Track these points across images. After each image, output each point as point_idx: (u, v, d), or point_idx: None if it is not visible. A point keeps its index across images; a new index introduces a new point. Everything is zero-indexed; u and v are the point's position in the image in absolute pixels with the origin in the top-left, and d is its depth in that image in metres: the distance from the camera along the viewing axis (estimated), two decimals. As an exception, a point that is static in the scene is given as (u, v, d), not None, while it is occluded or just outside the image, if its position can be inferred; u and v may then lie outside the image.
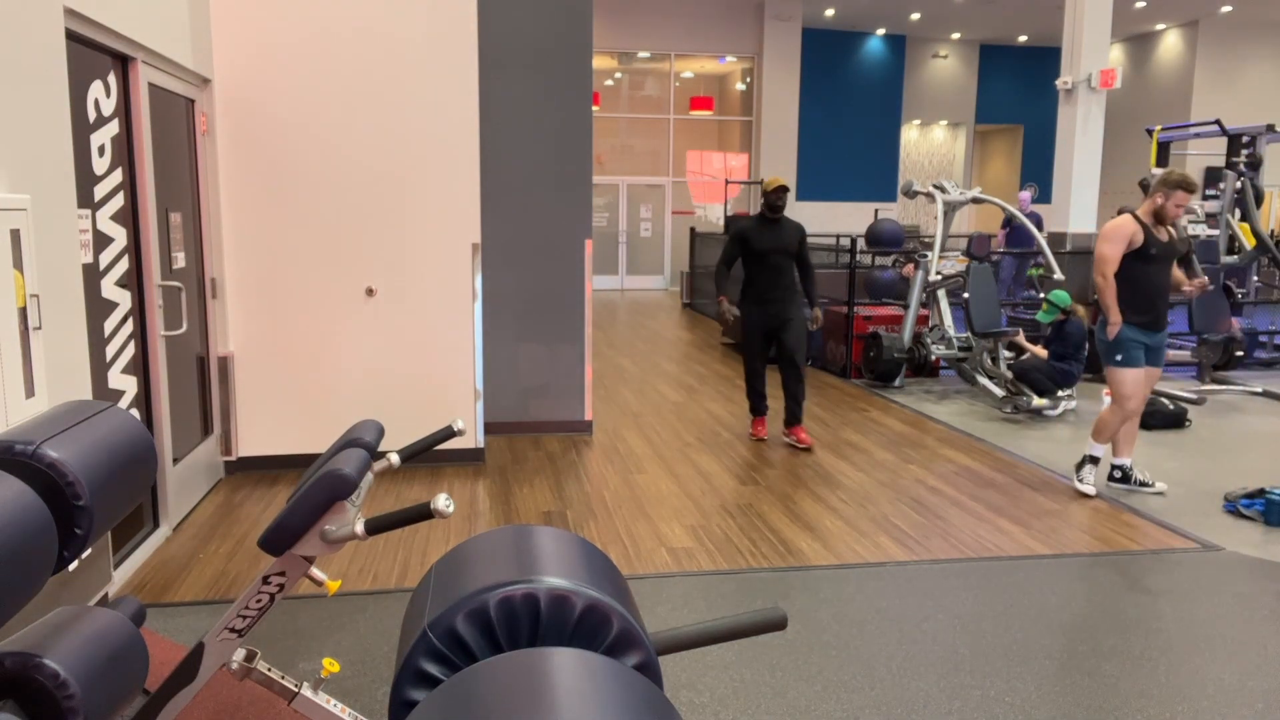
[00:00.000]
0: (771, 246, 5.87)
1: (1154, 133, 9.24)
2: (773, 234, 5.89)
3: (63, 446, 1.84)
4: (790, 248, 5.92)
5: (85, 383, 3.41)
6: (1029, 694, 3.01)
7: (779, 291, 5.92)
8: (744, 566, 4.05)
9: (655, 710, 1.44)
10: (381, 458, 4.44)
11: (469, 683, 1.46)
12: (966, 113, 20.00)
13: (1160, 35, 18.61)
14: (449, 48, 5.18)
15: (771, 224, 5.92)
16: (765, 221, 5.94)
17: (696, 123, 18.36)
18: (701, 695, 2.98)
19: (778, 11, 17.55)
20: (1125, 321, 4.89)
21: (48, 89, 3.16)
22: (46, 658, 1.77)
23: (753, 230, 5.90)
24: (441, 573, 2.18)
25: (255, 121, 5.05)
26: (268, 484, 5.13)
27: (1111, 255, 4.85)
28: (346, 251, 5.22)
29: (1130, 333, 4.90)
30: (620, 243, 17.95)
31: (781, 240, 5.89)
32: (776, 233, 5.90)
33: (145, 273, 4.15)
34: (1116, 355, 4.91)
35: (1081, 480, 5.11)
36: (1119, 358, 4.90)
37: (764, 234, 5.88)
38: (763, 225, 5.93)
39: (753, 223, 5.93)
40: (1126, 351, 4.90)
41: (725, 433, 6.44)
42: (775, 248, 5.88)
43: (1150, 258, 4.83)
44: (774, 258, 5.88)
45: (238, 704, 2.84)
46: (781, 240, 5.89)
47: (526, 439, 6.25)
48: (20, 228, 2.89)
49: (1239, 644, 3.37)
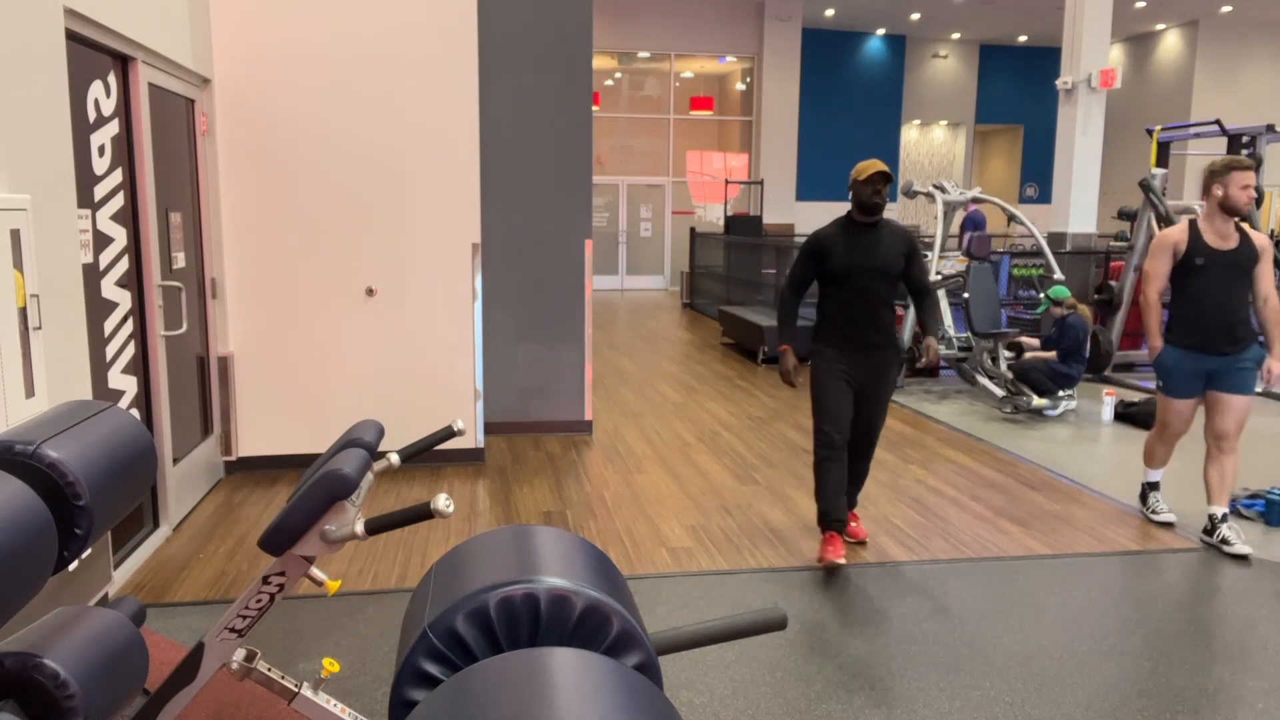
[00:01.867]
0: (861, 264, 4.00)
1: (1154, 133, 9.23)
2: (865, 246, 4.02)
3: (63, 446, 1.84)
4: (890, 266, 4.01)
5: (85, 383, 3.41)
6: (1029, 694, 3.01)
7: (870, 332, 4.05)
8: (744, 566, 4.05)
9: (655, 710, 1.44)
10: (381, 458, 4.44)
11: (469, 683, 1.46)
12: (966, 113, 20.00)
13: (1160, 35, 18.61)
14: (449, 47, 5.18)
15: (862, 231, 4.05)
16: (853, 228, 4.05)
17: (696, 123, 18.36)
18: (701, 695, 2.98)
19: (778, 11, 17.55)
20: (1169, 343, 4.36)
21: (48, 89, 3.16)
22: (46, 658, 1.77)
23: (834, 241, 4.04)
24: (441, 573, 2.17)
25: (255, 121, 5.05)
26: (268, 484, 5.13)
27: (1154, 271, 4.31)
28: (346, 251, 5.22)
29: (1172, 357, 4.34)
30: (620, 243, 17.94)
31: (877, 255, 4.01)
32: (870, 244, 4.02)
33: (145, 273, 4.15)
34: (1160, 380, 4.46)
35: (1153, 511, 4.65)
36: (1161, 384, 4.45)
37: (851, 246, 4.01)
38: (849, 234, 4.04)
39: (835, 230, 4.09)
40: (1169, 378, 4.38)
41: (725, 433, 6.44)
42: (867, 266, 4.00)
43: (1195, 269, 4.21)
44: (864, 281, 4.01)
45: (238, 704, 2.84)
46: (877, 255, 4.01)
47: (526, 439, 6.25)
48: (20, 228, 2.89)
49: (1239, 644, 3.37)
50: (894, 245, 4.04)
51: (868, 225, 4.07)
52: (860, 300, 4.03)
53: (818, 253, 4.08)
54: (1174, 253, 4.26)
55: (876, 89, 19.07)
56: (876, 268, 4.00)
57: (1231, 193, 4.12)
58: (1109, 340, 8.33)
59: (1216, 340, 4.21)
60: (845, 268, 4.00)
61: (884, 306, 4.06)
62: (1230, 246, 4.19)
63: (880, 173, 3.94)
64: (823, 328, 4.15)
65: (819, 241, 4.08)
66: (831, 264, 4.03)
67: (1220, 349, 4.21)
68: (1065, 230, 12.18)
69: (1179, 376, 4.34)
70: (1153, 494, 4.71)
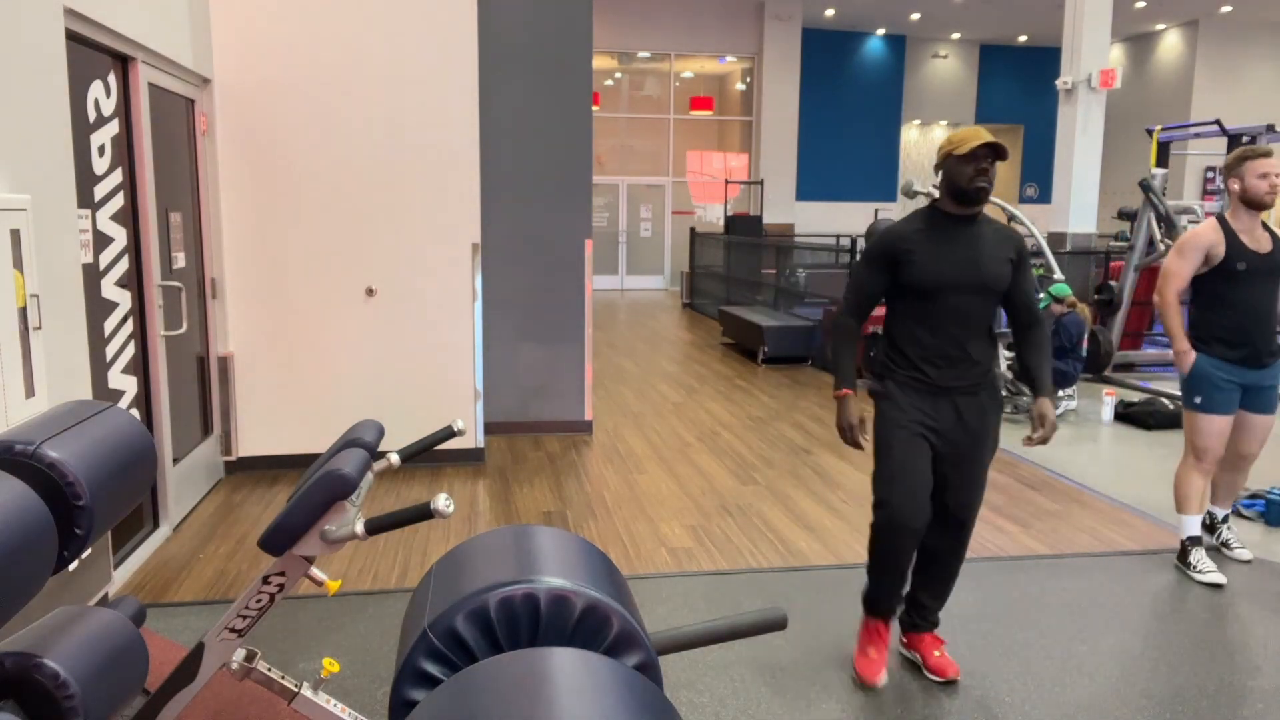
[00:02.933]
0: (957, 275, 2.89)
1: (1154, 133, 9.23)
2: (961, 250, 2.90)
3: (63, 446, 1.84)
4: (995, 279, 2.92)
5: (85, 383, 3.41)
6: (1029, 694, 3.01)
7: (964, 369, 2.95)
8: (744, 566, 4.05)
9: (655, 710, 1.44)
10: (381, 458, 4.44)
11: (469, 683, 1.46)
12: (966, 113, 20.00)
13: (1160, 35, 18.60)
14: (449, 48, 5.18)
15: (957, 229, 2.92)
16: (943, 224, 2.93)
17: (696, 123, 18.36)
18: (701, 695, 2.98)
19: (778, 11, 17.55)
20: (1208, 353, 3.90)
21: (48, 89, 3.16)
22: (46, 658, 1.77)
23: (916, 242, 2.92)
24: (441, 573, 2.17)
25: (255, 121, 5.05)
26: (268, 484, 5.13)
27: (1178, 271, 3.90)
28: (346, 252, 5.22)
29: (1212, 367, 3.88)
30: (620, 243, 17.94)
31: (979, 263, 2.90)
32: (968, 247, 2.91)
33: (145, 273, 4.15)
34: (1195, 396, 3.92)
35: (1196, 570, 3.96)
36: (1197, 399, 3.92)
37: (941, 249, 2.90)
38: (938, 232, 2.92)
39: (916, 227, 2.95)
40: (1207, 391, 3.88)
41: (725, 433, 6.43)
42: (965, 278, 2.90)
43: (1237, 275, 3.80)
44: (959, 298, 2.91)
45: (238, 704, 2.84)
46: (979, 263, 2.90)
47: (526, 439, 6.25)
48: (20, 228, 2.89)
49: (1239, 644, 3.37)
50: (999, 249, 2.92)
51: (964, 220, 2.91)
52: (952, 325, 2.91)
53: (893, 257, 2.92)
54: (1207, 256, 3.85)
55: (876, 89, 19.07)
56: (978, 280, 2.88)
57: (1249, 183, 3.76)
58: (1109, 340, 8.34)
59: (1260, 352, 3.84)
60: (934, 279, 2.86)
61: (983, 334, 2.96)
62: (1267, 249, 3.84)
63: (989, 145, 2.80)
64: (893, 361, 3.01)
65: (896, 242, 2.92)
66: (914, 274, 2.88)
67: (1261, 361, 3.86)
68: (1065, 230, 12.18)
69: (1224, 389, 3.88)
70: (1195, 550, 4.01)
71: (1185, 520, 4.04)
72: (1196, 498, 4.01)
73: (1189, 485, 4.02)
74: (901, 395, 2.98)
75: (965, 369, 2.95)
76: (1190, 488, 4.01)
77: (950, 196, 2.91)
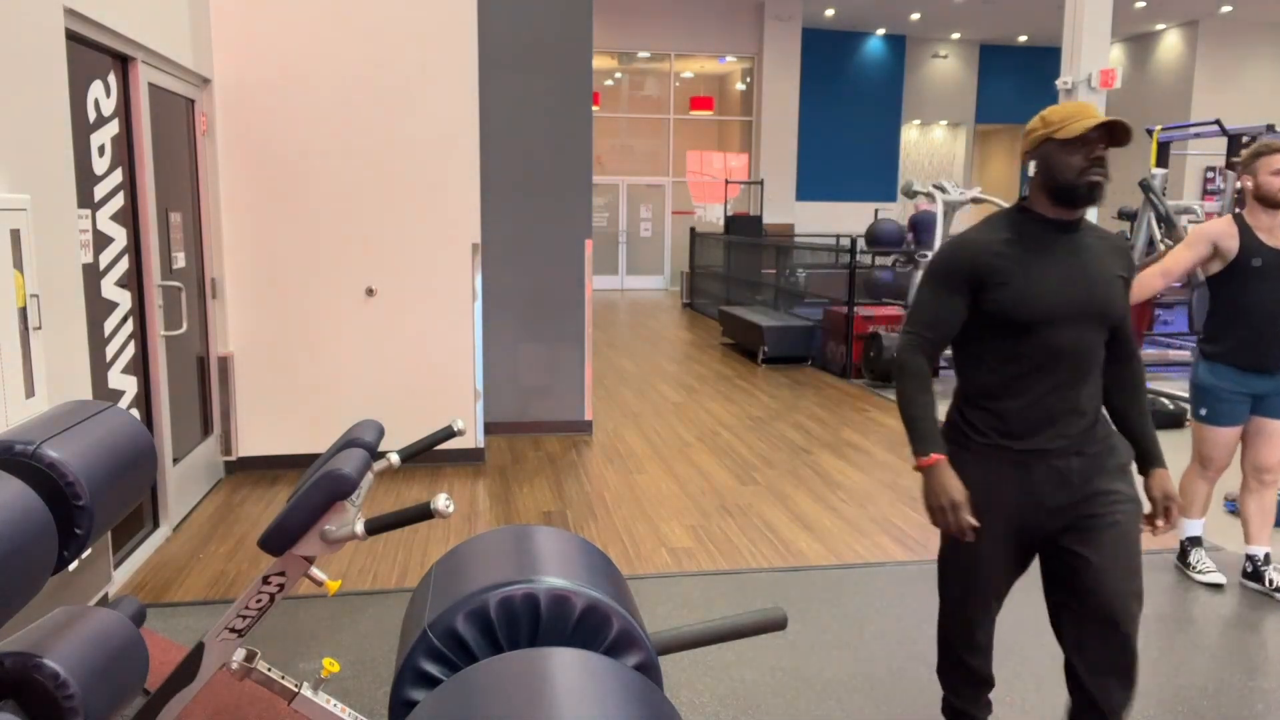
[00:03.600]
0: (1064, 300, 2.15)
1: (1154, 133, 9.23)
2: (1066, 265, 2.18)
3: (63, 446, 1.84)
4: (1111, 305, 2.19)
5: (85, 383, 3.41)
6: (1029, 694, 3.01)
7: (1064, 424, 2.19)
8: (744, 566, 4.05)
9: (655, 710, 1.44)
10: (381, 458, 4.44)
11: (469, 682, 1.46)
12: (966, 113, 20.00)
13: (1160, 35, 18.61)
14: (449, 48, 5.18)
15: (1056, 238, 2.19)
16: (1038, 231, 2.20)
17: (696, 123, 18.36)
18: (701, 695, 2.98)
19: (778, 11, 17.55)
20: (1213, 360, 3.72)
21: (48, 89, 3.16)
22: (46, 658, 1.77)
23: (1004, 255, 2.18)
24: (441, 573, 2.17)
25: (255, 121, 5.05)
26: (268, 484, 5.13)
27: (1179, 261, 3.69)
28: (346, 251, 5.22)
29: (1218, 379, 3.71)
30: (620, 243, 17.95)
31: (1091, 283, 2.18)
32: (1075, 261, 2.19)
33: (145, 273, 4.15)
34: (1201, 408, 3.77)
35: (1196, 570, 3.92)
36: (1203, 411, 3.76)
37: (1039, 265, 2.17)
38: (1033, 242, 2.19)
39: (1001, 235, 2.21)
40: (1211, 404, 3.73)
41: (725, 433, 6.43)
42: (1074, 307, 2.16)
43: (1253, 272, 3.57)
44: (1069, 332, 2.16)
45: (238, 704, 2.84)
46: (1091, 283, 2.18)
47: (526, 439, 6.25)
48: (20, 228, 2.89)
49: (1239, 644, 3.37)
50: (1112, 264, 2.20)
51: (1065, 228, 2.17)
52: (1057, 368, 2.15)
53: (976, 278, 2.16)
54: (1220, 250, 3.62)
55: (876, 89, 19.08)
56: (1091, 307, 2.14)
57: (1262, 180, 3.54)
58: (1109, 340, 8.32)
59: (1273, 356, 3.62)
60: (1035, 309, 2.11)
61: (1094, 378, 2.20)
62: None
63: (1104, 126, 2.08)
64: (966, 422, 2.25)
65: (978, 257, 2.15)
66: (1007, 301, 2.12)
67: (1274, 367, 3.64)
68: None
69: (1229, 400, 3.71)
70: (1195, 550, 3.97)
71: (1186, 523, 4.01)
72: (1200, 502, 3.95)
73: (1193, 490, 3.94)
74: (980, 472, 2.20)
75: (1069, 424, 2.16)
76: (1194, 493, 3.94)
77: (1048, 195, 2.15)
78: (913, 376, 2.23)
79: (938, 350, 2.25)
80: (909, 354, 2.24)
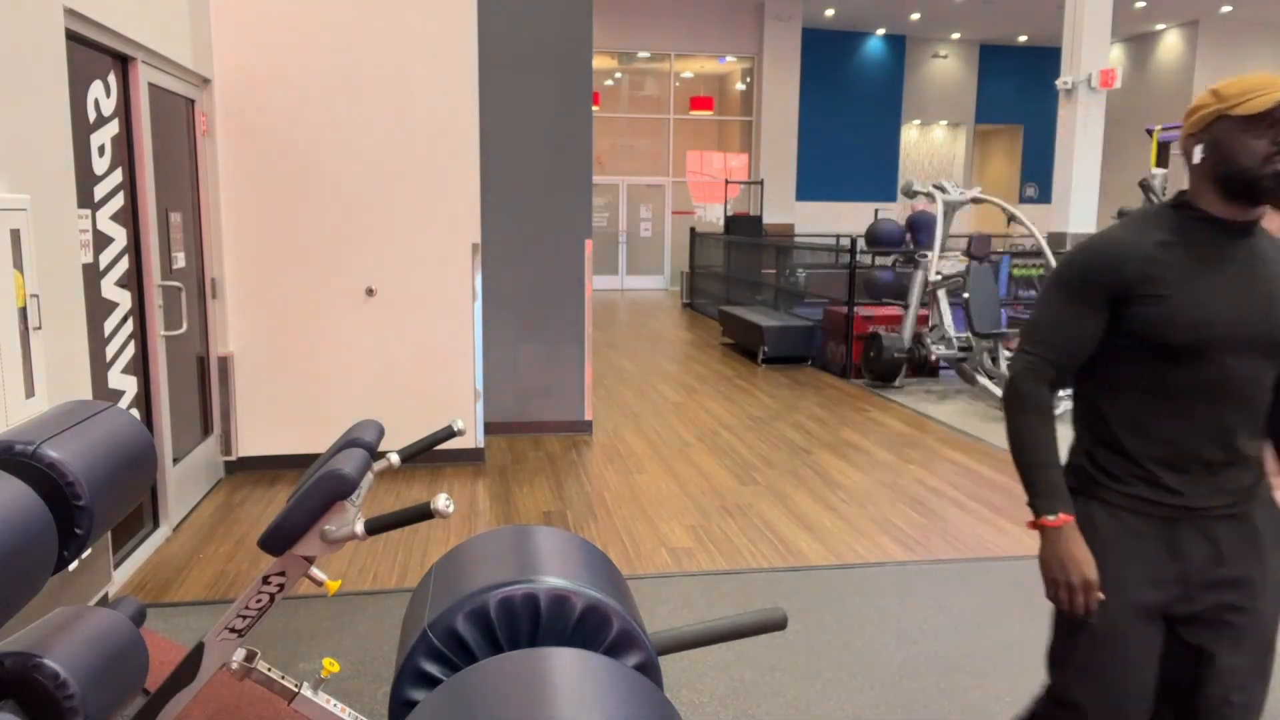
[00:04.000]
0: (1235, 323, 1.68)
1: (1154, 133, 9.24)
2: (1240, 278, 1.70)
3: (63, 446, 1.84)
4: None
5: (85, 383, 3.41)
6: (1029, 693, 3.01)
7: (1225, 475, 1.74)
8: (744, 566, 4.05)
9: (655, 710, 1.44)
10: (381, 458, 4.44)
11: (469, 683, 1.46)
12: (966, 113, 20.00)
13: (1160, 35, 18.61)
14: (449, 47, 5.18)
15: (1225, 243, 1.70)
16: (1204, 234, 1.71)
17: (696, 123, 18.36)
18: (701, 695, 2.98)
19: (778, 11, 17.55)
20: None
21: (48, 89, 3.16)
22: (46, 658, 1.77)
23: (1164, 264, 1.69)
24: (441, 573, 2.17)
25: (255, 121, 5.05)
26: (268, 484, 5.13)
27: None
28: (346, 251, 5.22)
29: None
30: (620, 243, 17.95)
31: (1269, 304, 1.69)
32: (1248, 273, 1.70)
33: (145, 273, 4.15)
34: None
35: None
36: None
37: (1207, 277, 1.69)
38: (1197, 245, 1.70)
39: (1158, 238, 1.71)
40: None
41: (725, 433, 6.43)
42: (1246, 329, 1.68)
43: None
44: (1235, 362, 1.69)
45: (238, 704, 2.84)
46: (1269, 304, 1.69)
47: (526, 439, 6.25)
48: (20, 228, 2.89)
49: (1239, 644, 3.37)
50: None
51: (1237, 231, 1.72)
52: (1218, 405, 1.72)
53: (1122, 290, 1.73)
54: None
55: (876, 89, 19.08)
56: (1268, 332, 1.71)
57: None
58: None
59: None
60: (1198, 330, 1.68)
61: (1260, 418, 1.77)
62: None
63: None
64: (1100, 466, 1.82)
65: (1126, 260, 1.72)
66: (1162, 320, 1.70)
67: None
68: (1065, 230, 12.19)
69: None
70: None
71: None
72: None
73: None
74: (1116, 531, 1.78)
75: (1229, 477, 1.75)
76: None
77: (1219, 187, 1.69)
78: (1032, 410, 1.78)
79: (1065, 377, 1.80)
80: (1028, 381, 1.78)
